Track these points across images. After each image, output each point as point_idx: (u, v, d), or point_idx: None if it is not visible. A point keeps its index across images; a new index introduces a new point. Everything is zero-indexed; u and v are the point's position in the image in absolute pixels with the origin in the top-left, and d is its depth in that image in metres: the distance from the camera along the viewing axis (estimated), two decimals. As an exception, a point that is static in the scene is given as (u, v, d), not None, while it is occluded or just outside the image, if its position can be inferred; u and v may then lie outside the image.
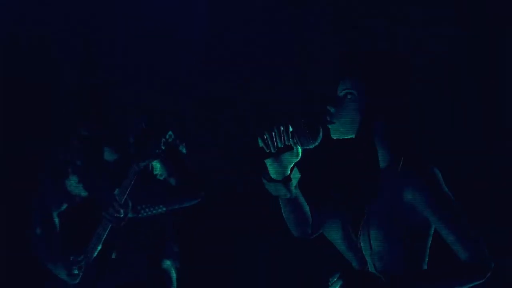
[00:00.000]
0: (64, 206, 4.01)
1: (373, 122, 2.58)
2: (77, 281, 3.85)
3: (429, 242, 2.60)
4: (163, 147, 3.70)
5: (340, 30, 4.98)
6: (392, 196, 2.56)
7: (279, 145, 2.64)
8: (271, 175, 2.70)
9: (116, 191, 3.77)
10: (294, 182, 2.70)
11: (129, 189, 3.74)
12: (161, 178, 3.93)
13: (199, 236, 5.08)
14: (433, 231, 2.58)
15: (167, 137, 3.71)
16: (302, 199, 2.75)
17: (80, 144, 3.93)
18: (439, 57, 4.72)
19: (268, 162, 2.67)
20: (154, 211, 3.85)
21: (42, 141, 4.43)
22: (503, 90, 4.72)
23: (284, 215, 2.79)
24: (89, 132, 3.91)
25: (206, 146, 5.15)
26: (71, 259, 3.83)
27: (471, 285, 2.49)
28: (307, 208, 2.78)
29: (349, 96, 2.60)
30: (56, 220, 4.00)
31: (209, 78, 5.09)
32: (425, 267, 2.59)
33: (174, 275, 4.05)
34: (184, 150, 3.94)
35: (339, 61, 2.65)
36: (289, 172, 2.68)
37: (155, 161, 3.83)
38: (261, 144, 2.67)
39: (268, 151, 2.65)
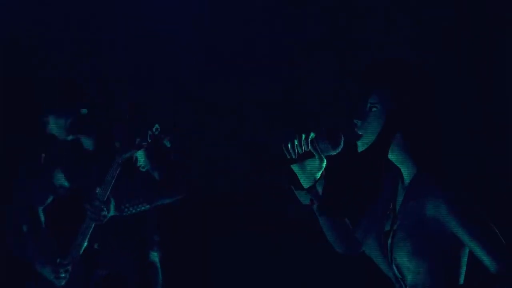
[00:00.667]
0: (49, 199, 4.01)
1: (395, 132, 2.59)
2: (63, 283, 3.86)
3: (463, 260, 2.59)
4: (149, 140, 3.70)
5: (340, 30, 4.98)
6: (418, 211, 2.56)
7: (299, 151, 2.67)
8: (301, 183, 2.75)
9: (98, 190, 3.77)
10: (320, 190, 2.74)
11: (111, 184, 3.75)
12: (144, 170, 3.92)
13: (200, 236, 5.08)
14: (467, 250, 2.57)
15: (154, 130, 3.72)
16: (336, 212, 2.78)
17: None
18: (439, 57, 4.72)
19: (295, 168, 2.73)
20: (138, 209, 3.86)
21: (42, 141, 4.42)
22: (503, 90, 4.72)
23: (323, 229, 2.81)
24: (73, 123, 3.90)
25: (205, 146, 5.14)
26: (58, 261, 3.84)
27: None
28: (344, 220, 2.80)
29: (374, 109, 2.61)
30: (42, 216, 4.00)
31: (209, 78, 5.09)
32: (461, 283, 2.58)
33: (159, 267, 4.06)
34: (168, 144, 3.93)
35: (363, 73, 2.66)
36: (315, 181, 2.72)
37: (139, 153, 3.84)
38: (284, 151, 2.72)
39: (289, 157, 2.70)
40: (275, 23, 5.04)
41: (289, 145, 2.69)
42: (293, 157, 2.69)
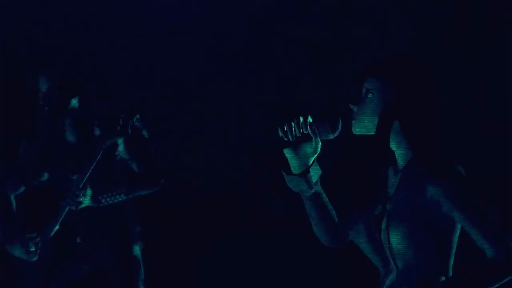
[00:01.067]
0: (22, 189, 4.02)
1: (392, 121, 2.60)
2: (35, 258, 3.87)
3: (455, 242, 2.60)
4: (129, 130, 3.74)
5: (340, 30, 4.98)
6: (413, 194, 2.57)
7: (297, 133, 2.65)
8: (291, 168, 2.71)
9: (75, 176, 3.79)
10: (315, 177, 2.70)
11: (89, 172, 3.77)
12: (121, 158, 3.94)
13: (200, 236, 5.08)
14: (458, 231, 2.59)
15: (135, 120, 3.75)
16: (325, 200, 2.75)
17: (43, 125, 3.95)
18: (439, 57, 4.72)
19: (287, 152, 2.68)
20: (115, 200, 3.87)
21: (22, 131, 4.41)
22: (503, 90, 4.72)
23: (310, 219, 2.78)
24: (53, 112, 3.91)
25: (205, 146, 5.14)
26: (26, 236, 3.84)
27: (501, 282, 2.49)
28: (332, 211, 2.77)
29: (369, 95, 2.63)
30: (13, 201, 4.01)
31: (209, 78, 5.09)
32: (451, 266, 2.59)
33: (141, 261, 4.06)
34: (146, 135, 3.95)
35: (363, 63, 2.67)
36: (308, 166, 2.69)
37: (118, 142, 3.86)
38: (280, 134, 2.68)
39: (286, 139, 2.66)
40: (275, 23, 5.04)
41: (286, 128, 2.66)
42: (290, 139, 2.66)
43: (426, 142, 2.62)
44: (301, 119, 2.66)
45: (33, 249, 3.85)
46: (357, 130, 2.66)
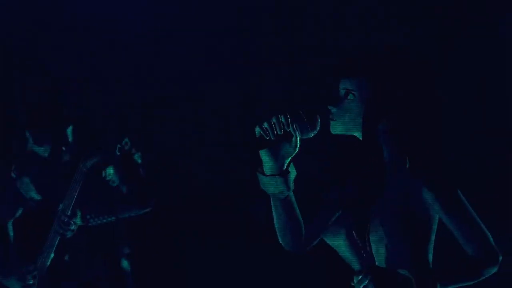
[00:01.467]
0: (19, 212, 3.98)
1: (378, 121, 2.57)
2: None
3: (433, 237, 2.61)
4: (118, 153, 3.67)
5: (340, 30, 4.98)
6: (400, 194, 2.56)
7: (278, 132, 2.57)
8: (266, 170, 2.61)
9: (60, 206, 3.74)
10: (292, 178, 2.63)
11: (75, 196, 3.72)
12: (114, 185, 3.89)
13: (200, 236, 5.08)
14: (436, 227, 2.60)
15: (123, 143, 3.68)
16: (295, 204, 2.68)
17: (32, 143, 3.92)
18: (439, 57, 4.72)
19: (265, 153, 2.58)
20: (104, 220, 3.83)
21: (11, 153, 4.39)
22: (503, 90, 4.72)
23: (276, 222, 2.71)
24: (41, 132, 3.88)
25: (205, 146, 5.14)
26: (23, 270, 3.81)
27: (482, 278, 2.51)
28: (299, 215, 2.71)
29: (350, 97, 2.59)
30: (11, 230, 3.96)
31: (209, 78, 5.09)
32: (430, 261, 2.61)
33: (130, 275, 4.03)
34: (139, 160, 3.91)
35: (343, 60, 2.63)
36: (286, 166, 2.61)
37: (108, 167, 3.81)
38: (258, 133, 2.59)
39: (267, 138, 2.57)
40: (275, 23, 5.04)
41: (265, 126, 2.57)
42: (272, 138, 2.57)
43: (417, 142, 2.61)
44: (282, 117, 2.58)
45: (31, 282, 3.82)
46: (336, 130, 2.62)
